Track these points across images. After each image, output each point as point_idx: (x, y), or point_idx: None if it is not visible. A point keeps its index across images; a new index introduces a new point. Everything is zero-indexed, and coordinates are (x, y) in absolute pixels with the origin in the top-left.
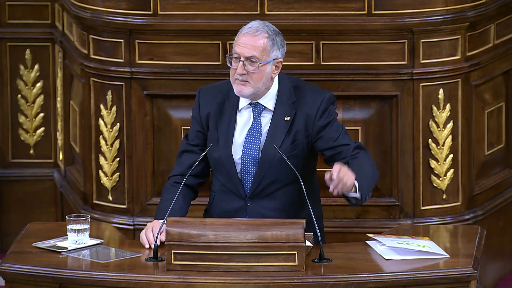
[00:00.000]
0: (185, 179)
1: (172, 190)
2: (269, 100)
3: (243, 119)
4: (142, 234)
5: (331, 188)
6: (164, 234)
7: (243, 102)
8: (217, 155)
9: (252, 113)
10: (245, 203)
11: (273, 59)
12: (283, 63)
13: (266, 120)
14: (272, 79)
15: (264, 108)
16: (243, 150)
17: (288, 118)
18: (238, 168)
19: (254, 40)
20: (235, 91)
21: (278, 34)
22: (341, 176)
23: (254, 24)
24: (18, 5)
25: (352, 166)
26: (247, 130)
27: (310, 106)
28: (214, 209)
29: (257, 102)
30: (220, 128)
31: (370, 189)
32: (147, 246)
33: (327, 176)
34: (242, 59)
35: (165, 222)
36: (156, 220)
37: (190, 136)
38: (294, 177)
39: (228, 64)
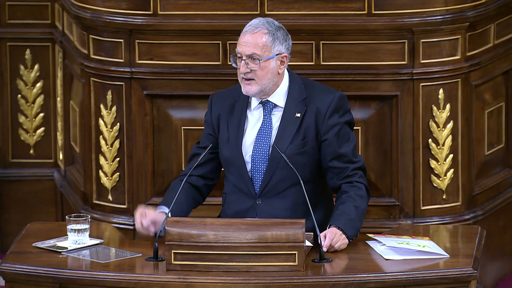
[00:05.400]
0: (185, 178)
1: (175, 186)
2: (279, 97)
3: (254, 118)
4: (136, 213)
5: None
6: (155, 225)
7: (254, 102)
8: (227, 154)
9: (262, 111)
10: (255, 202)
11: (276, 54)
12: None
13: (276, 117)
14: (279, 74)
15: (275, 105)
16: (253, 148)
17: (299, 115)
18: (248, 166)
19: (253, 38)
20: (243, 91)
21: (279, 29)
22: (333, 245)
23: (255, 21)
24: (18, 5)
25: (349, 208)
26: (258, 128)
27: (321, 103)
28: (226, 211)
29: (267, 100)
30: (231, 128)
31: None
32: (137, 225)
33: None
34: (243, 57)
35: (164, 213)
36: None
37: (201, 140)
38: (305, 176)
39: (233, 65)
